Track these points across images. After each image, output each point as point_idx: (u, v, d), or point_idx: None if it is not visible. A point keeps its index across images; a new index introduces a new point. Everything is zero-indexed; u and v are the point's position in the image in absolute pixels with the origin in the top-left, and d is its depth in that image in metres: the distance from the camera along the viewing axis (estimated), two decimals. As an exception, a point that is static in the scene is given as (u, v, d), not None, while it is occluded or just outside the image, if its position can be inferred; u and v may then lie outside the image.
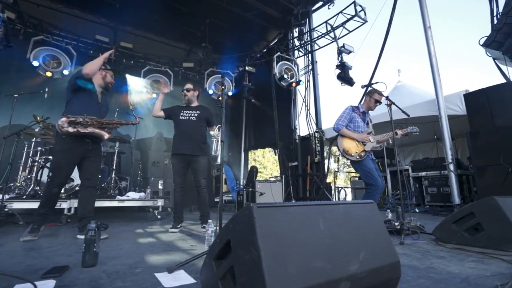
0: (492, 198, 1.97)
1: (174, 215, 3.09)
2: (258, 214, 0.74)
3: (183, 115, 3.22)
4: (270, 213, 0.78)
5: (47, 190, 2.48)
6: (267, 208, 0.78)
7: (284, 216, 0.80)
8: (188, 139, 3.09)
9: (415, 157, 8.09)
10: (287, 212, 0.82)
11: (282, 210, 0.81)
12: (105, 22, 8.97)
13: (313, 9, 8.54)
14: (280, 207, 0.81)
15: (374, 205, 1.06)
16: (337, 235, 0.87)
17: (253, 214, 0.74)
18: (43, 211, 2.43)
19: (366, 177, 2.98)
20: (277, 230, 0.76)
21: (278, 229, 0.77)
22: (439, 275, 1.32)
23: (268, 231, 0.74)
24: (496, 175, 3.55)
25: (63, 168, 2.47)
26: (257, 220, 0.73)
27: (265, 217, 0.76)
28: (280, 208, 0.81)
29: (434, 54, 5.05)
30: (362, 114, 3.25)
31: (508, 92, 3.90)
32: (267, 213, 0.77)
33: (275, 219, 0.78)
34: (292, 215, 0.82)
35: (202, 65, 9.51)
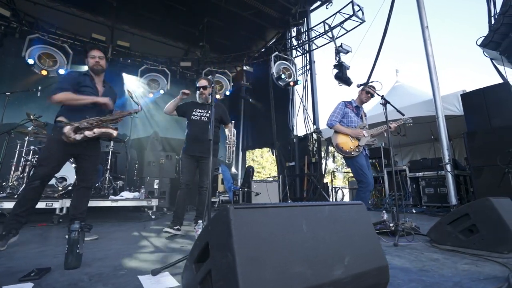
0: (487, 199, 1.94)
1: (174, 214, 2.90)
2: (235, 216, 0.71)
3: (195, 114, 3.07)
4: (249, 215, 0.74)
5: (27, 183, 2.21)
6: (245, 210, 0.74)
7: (264, 218, 0.77)
8: (198, 141, 2.96)
9: (413, 157, 8.07)
10: (268, 214, 0.78)
11: (262, 212, 0.77)
12: (102, 20, 8.92)
13: (311, 9, 8.51)
14: (260, 208, 0.77)
15: (362, 206, 1.02)
16: (321, 238, 0.83)
17: (230, 216, 0.70)
18: (19, 211, 2.06)
19: (357, 174, 2.96)
20: (255, 233, 0.73)
21: (257, 232, 0.73)
22: (431, 279, 1.28)
23: (245, 234, 0.70)
24: (493, 176, 3.53)
25: (51, 158, 2.18)
26: (234, 223, 0.69)
27: (242, 219, 0.72)
28: (259, 210, 0.77)
29: (432, 54, 5.03)
30: (356, 109, 3.22)
31: (505, 93, 3.87)
32: (245, 215, 0.73)
33: (254, 221, 0.74)
34: (273, 217, 0.78)
35: (200, 64, 9.47)
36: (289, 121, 8.07)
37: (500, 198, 2.11)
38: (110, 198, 3.93)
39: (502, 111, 3.82)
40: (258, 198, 4.59)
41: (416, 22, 5.40)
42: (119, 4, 8.27)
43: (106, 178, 4.71)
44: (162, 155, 5.99)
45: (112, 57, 8.51)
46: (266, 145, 9.32)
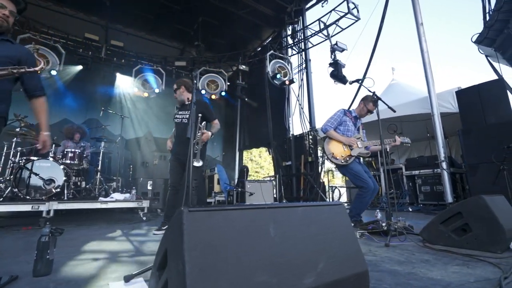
0: (480, 197, 1.88)
1: (164, 216, 2.93)
2: (189, 220, 0.64)
3: (177, 117, 3.09)
4: (206, 219, 0.67)
5: None
6: (202, 213, 0.67)
7: (225, 221, 0.70)
8: (181, 143, 2.95)
9: (410, 155, 8.02)
10: (229, 217, 0.71)
11: (222, 215, 0.70)
12: (95, 20, 8.84)
13: (307, 7, 8.44)
14: (220, 211, 0.70)
15: (341, 207, 0.96)
16: (291, 243, 0.76)
17: (183, 220, 0.63)
18: None
19: (356, 180, 2.88)
20: (212, 238, 0.66)
21: (215, 238, 0.66)
22: (419, 282, 1.22)
23: (200, 240, 0.63)
24: (488, 173, 3.47)
25: None
26: (187, 227, 0.62)
27: (198, 223, 0.65)
28: (219, 213, 0.70)
29: (427, 50, 4.97)
30: (354, 119, 3.15)
31: (500, 89, 3.82)
32: (201, 219, 0.66)
33: (212, 225, 0.67)
34: (235, 221, 0.71)
35: (195, 64, 9.38)
36: (285, 120, 8.01)
37: (494, 195, 2.05)
38: (100, 200, 3.85)
39: (497, 108, 3.76)
40: (252, 198, 4.52)
41: (412, 20, 5.34)
42: (112, 3, 8.18)
43: (97, 179, 4.62)
44: (155, 156, 5.92)
45: (106, 57, 8.42)
46: (263, 145, 9.26)
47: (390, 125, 7.11)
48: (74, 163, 4.28)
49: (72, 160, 4.25)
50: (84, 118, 8.23)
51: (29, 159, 3.72)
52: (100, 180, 4.70)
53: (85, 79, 8.36)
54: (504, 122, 3.64)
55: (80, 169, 4.54)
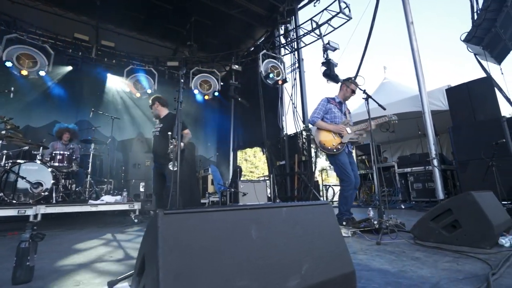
0: (469, 193, 1.89)
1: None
2: (164, 223, 0.61)
3: (153, 131, 3.40)
4: (182, 221, 0.64)
5: None
6: (178, 215, 0.64)
7: (203, 224, 0.67)
8: (155, 154, 3.34)
9: (403, 153, 8.10)
10: (208, 219, 0.68)
11: (200, 217, 0.67)
12: (85, 20, 8.70)
13: (299, 7, 8.46)
14: (198, 213, 0.68)
15: (327, 206, 0.94)
16: (274, 245, 0.74)
17: (157, 223, 0.60)
18: None
19: (340, 172, 2.88)
20: (189, 242, 0.63)
21: (192, 241, 0.63)
22: (408, 281, 1.21)
23: (176, 244, 0.60)
24: (478, 169, 3.51)
25: None
26: (162, 231, 0.60)
27: (174, 226, 0.62)
28: (197, 215, 0.67)
29: (417, 49, 5.01)
30: (339, 104, 3.13)
31: (489, 87, 3.87)
32: (177, 221, 0.63)
33: (189, 228, 0.65)
34: (215, 223, 0.69)
35: (188, 64, 9.30)
36: (278, 120, 8.00)
37: (483, 192, 2.07)
38: (90, 202, 3.78)
39: (486, 105, 3.81)
40: (246, 198, 4.49)
41: (403, 18, 5.37)
42: (103, 3, 8.05)
43: (87, 182, 4.54)
44: (147, 157, 5.84)
45: (97, 58, 8.28)
46: (257, 145, 9.23)
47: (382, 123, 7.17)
48: (63, 165, 4.18)
49: (60, 163, 4.15)
50: (75, 120, 8.08)
51: (16, 162, 3.63)
52: (91, 182, 4.61)
53: (75, 80, 8.22)
54: (492, 119, 3.69)
55: (69, 172, 4.44)
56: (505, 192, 3.16)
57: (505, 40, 4.55)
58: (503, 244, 1.81)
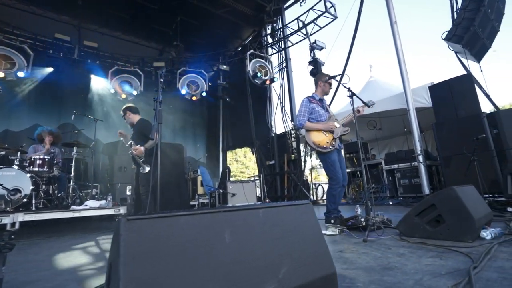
0: (451, 188, 1.92)
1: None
2: (127, 230, 0.57)
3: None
4: (148, 227, 0.60)
5: None
6: (143, 221, 0.60)
7: (172, 229, 0.63)
8: (132, 159, 3.57)
9: (390, 150, 8.24)
10: (177, 224, 0.64)
11: (168, 222, 0.63)
12: (67, 20, 8.44)
13: (286, 6, 8.48)
14: (166, 217, 0.64)
15: (308, 206, 0.91)
16: (249, 248, 0.71)
17: (120, 231, 0.56)
18: None
19: (328, 170, 2.88)
20: (156, 249, 0.59)
21: (159, 248, 0.59)
22: (392, 278, 1.20)
23: (139, 252, 0.56)
24: (461, 164, 3.60)
25: None
26: (124, 238, 0.55)
27: (138, 233, 0.58)
28: (166, 220, 0.63)
29: (401, 48, 5.11)
30: (320, 102, 3.13)
31: (469, 83, 3.98)
32: (142, 228, 0.59)
33: (156, 234, 0.61)
34: (185, 228, 0.65)
35: (175, 64, 9.16)
36: (267, 120, 8.00)
37: (465, 186, 2.11)
38: (72, 208, 3.64)
39: (467, 101, 3.92)
40: (235, 199, 4.44)
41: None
42: (85, 2, 7.81)
43: (70, 187, 4.38)
44: (134, 160, 5.69)
45: (79, 58, 8.03)
46: (246, 145, 9.20)
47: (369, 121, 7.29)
48: (43, 170, 4.02)
49: (40, 168, 3.99)
50: (58, 123, 7.82)
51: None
52: (74, 187, 4.45)
53: (57, 81, 7.95)
54: (473, 114, 3.79)
55: (50, 177, 4.28)
56: (486, 186, 3.25)
57: (483, 39, 4.69)
58: (484, 237, 1.85)
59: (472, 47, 4.64)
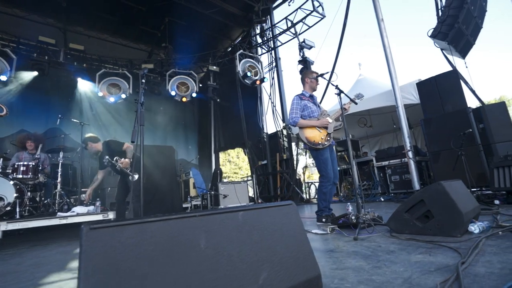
0: (439, 183, 1.92)
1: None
2: (90, 240, 0.52)
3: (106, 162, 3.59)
4: (113, 236, 0.56)
5: None
6: (108, 229, 0.56)
7: (140, 237, 0.59)
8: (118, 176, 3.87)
9: (381, 147, 8.32)
10: (147, 231, 0.60)
11: (137, 229, 0.59)
12: (51, 22, 8.27)
13: (274, 6, 8.49)
14: (134, 224, 0.59)
15: (291, 207, 0.88)
16: (226, 254, 0.67)
17: (81, 241, 0.52)
18: None
19: (320, 167, 2.87)
20: (122, 260, 0.55)
21: (125, 259, 0.55)
22: (381, 277, 1.19)
23: (103, 264, 0.52)
24: (449, 159, 3.65)
25: None
26: (86, 249, 0.51)
27: (102, 243, 0.54)
28: (134, 227, 0.59)
29: (388, 45, 5.15)
30: (311, 98, 3.12)
31: (455, 79, 4.04)
32: (107, 237, 0.55)
33: (123, 243, 0.56)
34: (155, 235, 0.61)
35: (164, 66, 9.05)
36: (258, 120, 7.97)
37: (452, 181, 2.12)
38: (58, 215, 3.53)
39: (453, 97, 3.98)
40: (226, 200, 4.39)
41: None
42: (70, 4, 7.63)
43: (57, 193, 4.26)
44: (123, 164, 5.57)
45: (65, 62, 7.85)
46: (238, 145, 9.16)
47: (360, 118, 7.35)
48: (27, 177, 3.89)
49: (25, 174, 3.86)
50: (45, 128, 7.62)
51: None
52: (61, 193, 4.33)
53: (43, 85, 7.76)
54: (459, 110, 3.85)
55: (36, 184, 4.15)
56: (474, 179, 3.30)
57: (467, 35, 4.77)
58: (472, 231, 1.86)
59: (457, 44, 4.72)
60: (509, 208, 2.85)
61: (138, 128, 1.68)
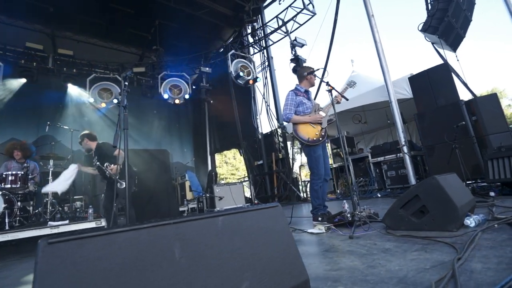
0: (433, 177, 1.89)
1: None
2: (47, 256, 0.47)
3: (94, 163, 3.53)
4: (75, 251, 0.51)
5: None
6: (67, 244, 0.51)
7: (107, 250, 0.54)
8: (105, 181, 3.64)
9: (376, 143, 8.32)
10: (114, 243, 0.55)
11: (103, 241, 0.54)
12: (39, 28, 8.12)
13: (264, 5, 8.45)
14: (98, 237, 0.54)
15: (276, 209, 0.84)
16: (204, 264, 0.63)
17: (37, 259, 0.47)
18: None
19: (312, 164, 2.83)
20: (85, 277, 0.50)
21: (89, 276, 0.50)
22: (376, 277, 1.15)
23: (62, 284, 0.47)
24: (444, 153, 3.64)
25: None
26: (41, 267, 0.46)
27: (61, 259, 0.49)
28: (99, 239, 0.54)
29: (379, 41, 5.14)
30: (306, 94, 3.07)
31: (446, 72, 4.04)
32: (67, 252, 0.50)
33: (86, 259, 0.51)
34: (124, 246, 0.56)
35: (155, 69, 8.96)
36: (253, 120, 7.93)
37: (446, 174, 2.10)
38: (49, 224, 3.45)
39: (445, 90, 3.97)
40: (222, 202, 4.34)
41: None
42: (57, 10, 7.51)
43: (48, 202, 4.16)
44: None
45: (55, 68, 7.73)
46: (234, 146, 9.10)
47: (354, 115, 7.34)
48: (16, 186, 3.80)
49: (14, 184, 3.77)
50: (36, 136, 7.50)
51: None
52: (52, 202, 4.24)
53: (32, 92, 7.61)
54: (452, 103, 3.85)
55: (26, 193, 4.05)
56: (469, 172, 3.29)
57: (457, 28, 4.78)
58: (468, 224, 1.84)
59: (447, 37, 4.73)
60: (504, 200, 2.84)
61: (121, 132, 1.62)
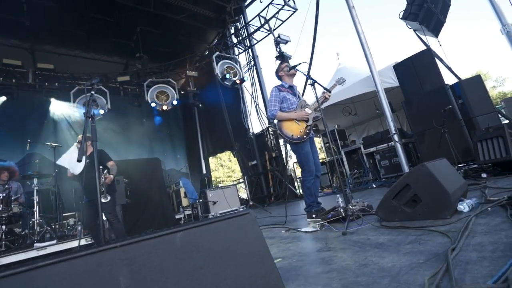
0: (422, 165, 1.84)
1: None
2: None
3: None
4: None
5: None
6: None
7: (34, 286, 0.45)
8: (87, 189, 3.28)
9: (368, 133, 8.32)
10: (40, 279, 0.46)
11: (20, 283, 0.45)
12: (17, 43, 7.90)
13: (246, 4, 8.38)
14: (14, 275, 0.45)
15: (247, 217, 0.76)
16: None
17: None
18: None
19: (301, 161, 2.76)
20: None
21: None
22: (368, 278, 1.08)
23: None
24: (434, 138, 3.61)
25: None
26: None
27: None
28: (13, 279, 0.45)
29: (362, 31, 5.11)
30: (290, 89, 3.00)
31: (429, 58, 4.02)
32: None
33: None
34: (53, 282, 0.47)
35: (140, 77, 8.80)
36: (243, 120, 7.84)
37: (436, 160, 2.05)
38: (36, 246, 3.31)
39: (430, 75, 3.96)
40: (216, 206, 4.25)
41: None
42: (33, 23, 7.30)
43: (35, 222, 4.01)
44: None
45: (36, 83, 7.53)
46: (226, 148, 9.01)
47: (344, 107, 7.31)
48: (-1, 209, 3.65)
49: (-4, 207, 3.61)
50: (23, 154, 7.27)
51: None
52: (40, 222, 4.09)
53: (14, 110, 7.40)
54: (437, 87, 3.83)
55: (11, 215, 3.89)
56: (460, 155, 3.27)
57: (437, 14, 4.78)
58: (461, 210, 1.79)
59: (428, 23, 4.72)
60: (496, 180, 2.82)
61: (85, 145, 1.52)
